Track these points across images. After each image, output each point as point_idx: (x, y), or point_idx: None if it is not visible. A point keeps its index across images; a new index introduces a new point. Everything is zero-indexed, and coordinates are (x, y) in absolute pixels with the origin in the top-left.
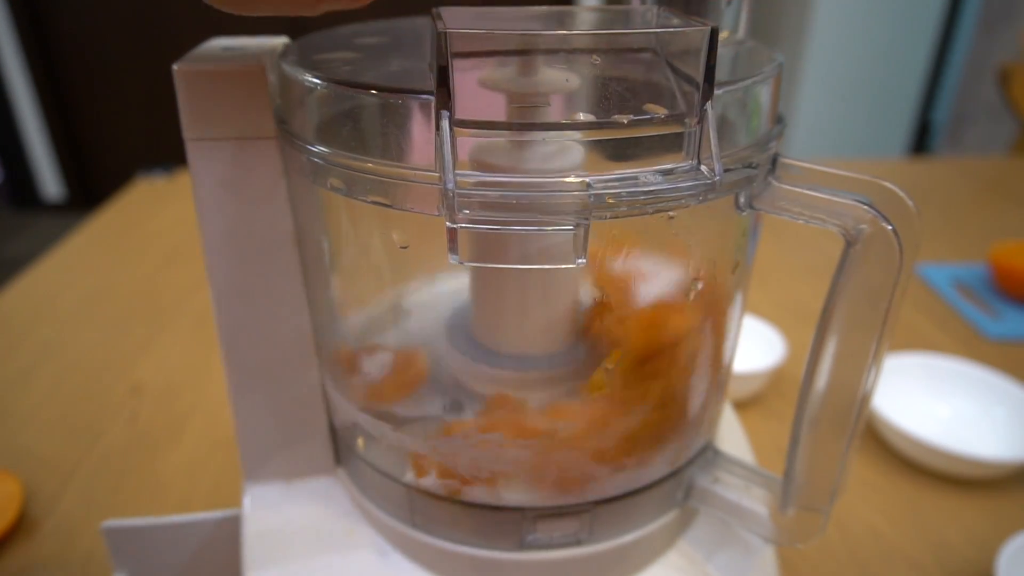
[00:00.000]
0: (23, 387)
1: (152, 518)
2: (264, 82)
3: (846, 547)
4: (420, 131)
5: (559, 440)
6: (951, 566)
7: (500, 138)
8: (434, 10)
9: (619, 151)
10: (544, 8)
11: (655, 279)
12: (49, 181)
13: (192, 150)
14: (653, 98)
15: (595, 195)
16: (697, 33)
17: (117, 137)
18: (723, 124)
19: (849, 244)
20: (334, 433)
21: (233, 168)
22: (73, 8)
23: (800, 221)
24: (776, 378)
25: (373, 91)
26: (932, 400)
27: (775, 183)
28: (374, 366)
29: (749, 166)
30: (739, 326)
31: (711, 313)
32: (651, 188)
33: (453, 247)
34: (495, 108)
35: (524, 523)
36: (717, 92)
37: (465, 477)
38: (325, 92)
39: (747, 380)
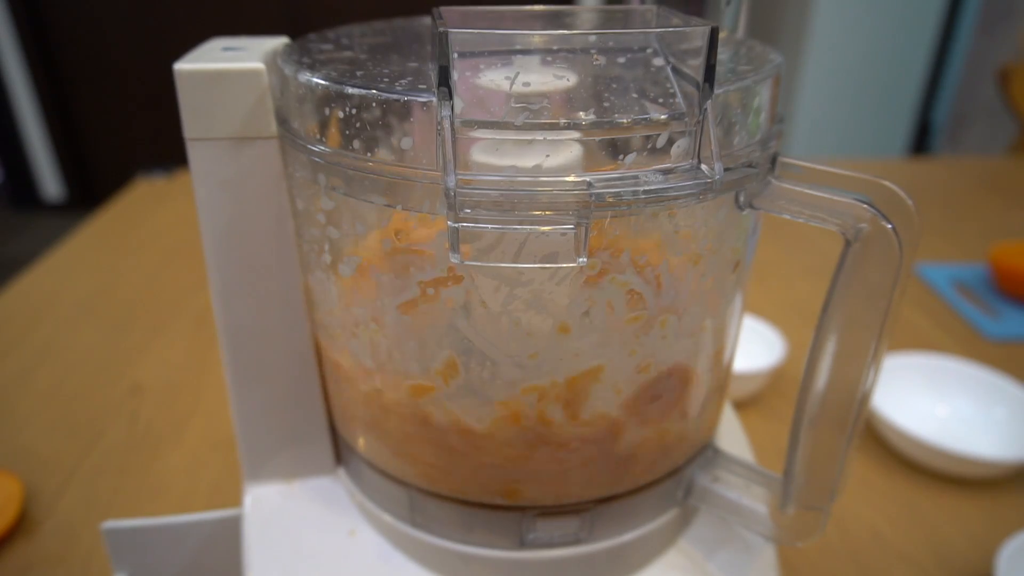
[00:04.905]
0: (23, 387)
1: (152, 518)
2: (264, 82)
3: (846, 546)
4: (421, 130)
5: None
6: (951, 566)
7: (501, 137)
8: (434, 10)
9: (620, 150)
10: (544, 8)
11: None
12: (49, 181)
13: (192, 150)
14: (653, 98)
15: (596, 194)
16: (697, 32)
17: (117, 137)
18: (723, 123)
19: (849, 243)
20: (334, 433)
21: (233, 168)
22: (73, 8)
23: (800, 220)
24: (776, 378)
25: (374, 91)
26: (932, 400)
27: (775, 182)
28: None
29: (749, 165)
30: (739, 326)
31: (711, 312)
32: (651, 187)
33: (455, 246)
34: (496, 107)
35: (524, 522)
36: (717, 91)
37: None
38: (325, 92)
39: (747, 380)
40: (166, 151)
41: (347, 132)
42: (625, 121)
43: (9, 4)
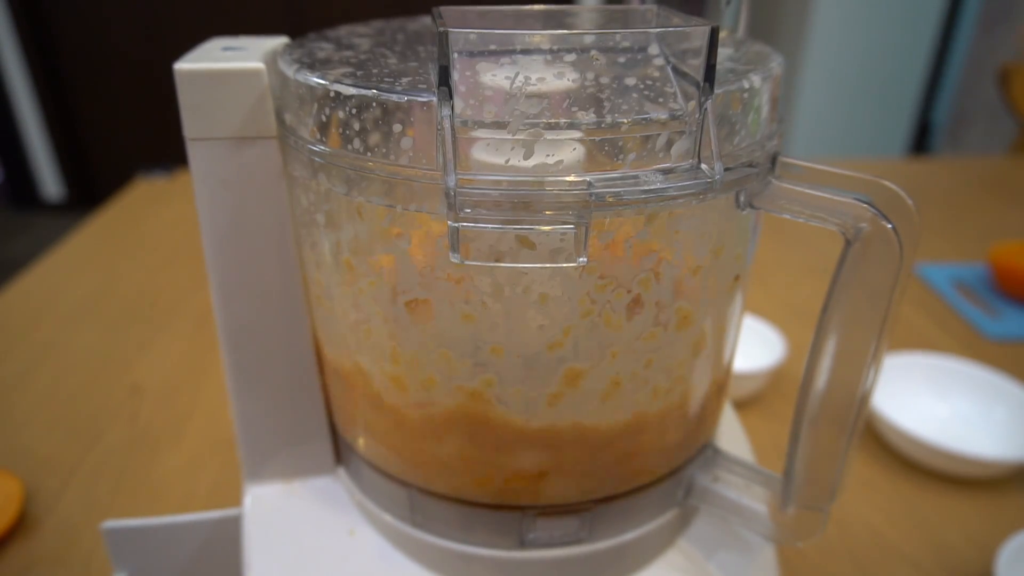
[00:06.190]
0: (23, 387)
1: (152, 518)
2: (264, 82)
3: (846, 546)
4: (421, 130)
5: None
6: (951, 566)
7: (501, 137)
8: (434, 9)
9: (620, 150)
10: (544, 7)
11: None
12: (49, 181)
13: (192, 150)
14: (653, 97)
15: (596, 194)
16: (697, 32)
17: (117, 137)
18: (723, 123)
19: (849, 243)
20: (334, 433)
21: (233, 168)
22: (73, 8)
23: (800, 220)
24: (776, 378)
25: (373, 91)
26: (932, 400)
27: (775, 182)
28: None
29: (749, 165)
30: (739, 326)
31: (712, 312)
32: (651, 187)
33: (455, 246)
34: (496, 107)
35: (524, 522)
36: (717, 91)
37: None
38: (325, 92)
39: (747, 380)
40: (166, 151)
41: (347, 132)
42: (625, 121)
43: (9, 4)
